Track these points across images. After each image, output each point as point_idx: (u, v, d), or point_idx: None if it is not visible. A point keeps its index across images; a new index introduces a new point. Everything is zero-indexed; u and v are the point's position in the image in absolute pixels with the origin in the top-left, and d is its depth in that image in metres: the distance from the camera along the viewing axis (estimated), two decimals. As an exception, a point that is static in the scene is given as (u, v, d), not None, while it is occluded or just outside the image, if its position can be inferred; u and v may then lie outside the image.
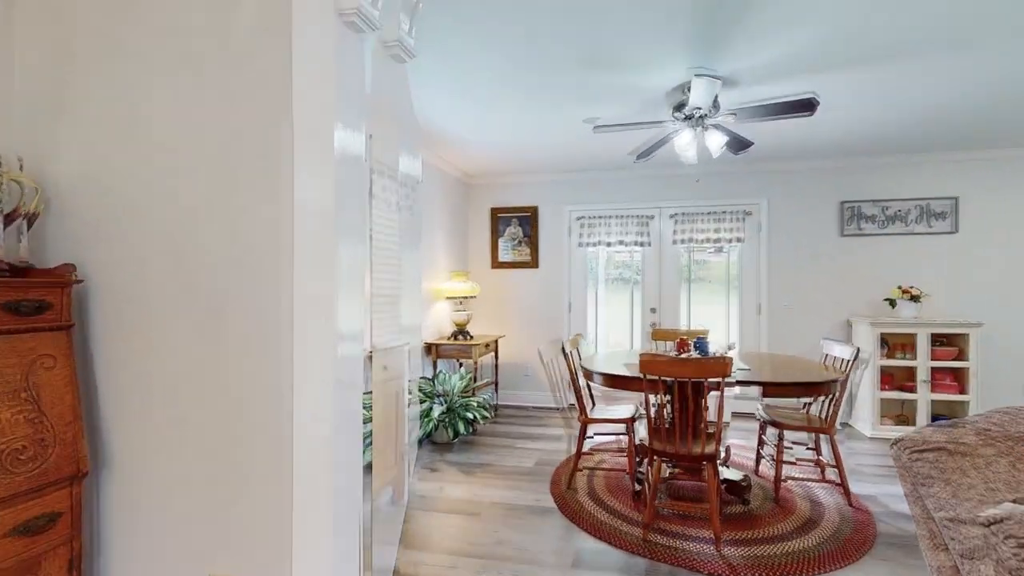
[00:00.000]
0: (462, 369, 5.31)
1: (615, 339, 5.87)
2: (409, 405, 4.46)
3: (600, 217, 5.66)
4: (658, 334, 4.57)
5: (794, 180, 5.09)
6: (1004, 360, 4.47)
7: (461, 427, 4.35)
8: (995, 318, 4.44)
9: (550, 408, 5.72)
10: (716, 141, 3.38)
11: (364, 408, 1.77)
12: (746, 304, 5.24)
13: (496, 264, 6.07)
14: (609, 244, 5.60)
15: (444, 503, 3.34)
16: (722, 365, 2.58)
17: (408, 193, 4.79)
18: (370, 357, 2.19)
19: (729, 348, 3.65)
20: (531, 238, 5.99)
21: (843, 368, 3.16)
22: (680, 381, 2.71)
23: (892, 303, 4.61)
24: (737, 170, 5.23)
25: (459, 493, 3.50)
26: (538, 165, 5.49)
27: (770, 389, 2.85)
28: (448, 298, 5.24)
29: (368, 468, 2.13)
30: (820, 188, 5.00)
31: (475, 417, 4.46)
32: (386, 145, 2.22)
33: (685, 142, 3.44)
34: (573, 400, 3.76)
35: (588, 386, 3.63)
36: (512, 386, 5.95)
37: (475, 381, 4.85)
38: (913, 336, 4.38)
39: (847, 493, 3.15)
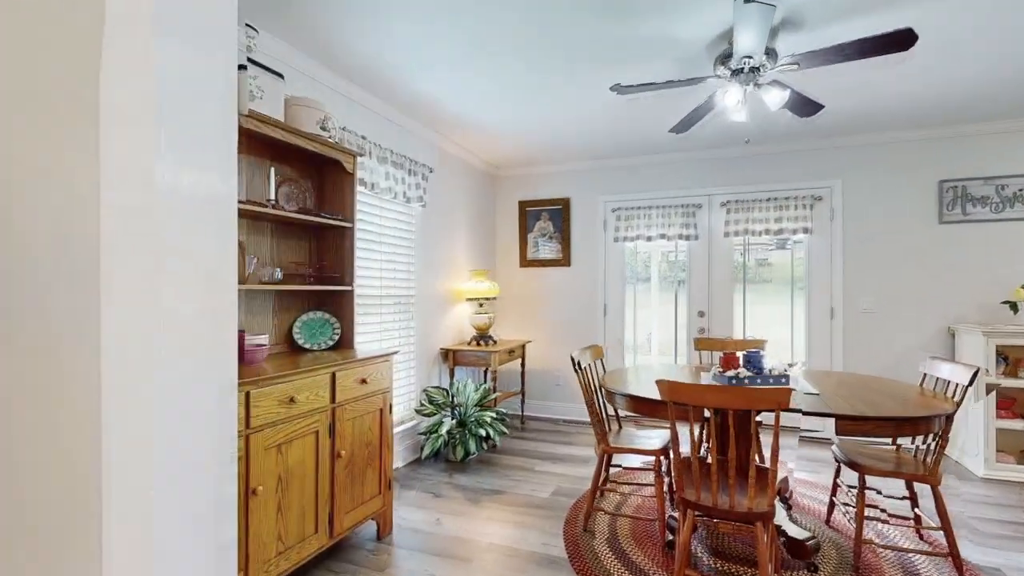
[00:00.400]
0: (482, 377, 4.74)
1: (658, 346, 5.08)
2: (401, 423, 3.92)
3: (639, 208, 4.91)
4: (703, 343, 3.79)
5: (876, 156, 4.12)
6: None
7: (472, 445, 3.78)
8: None
9: (583, 423, 5.04)
10: (776, 97, 2.60)
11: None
12: (815, 308, 4.32)
13: (525, 262, 5.46)
14: (649, 238, 4.84)
15: (436, 541, 2.78)
16: (779, 394, 1.85)
17: (418, 183, 4.28)
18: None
19: (789, 365, 2.83)
20: (563, 233, 5.33)
21: (954, 395, 2.30)
22: (720, 411, 1.99)
23: (1014, 307, 3.56)
24: (803, 147, 4.33)
25: (457, 528, 2.92)
26: (569, 152, 4.83)
27: (848, 424, 2.07)
28: (469, 299, 4.69)
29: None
30: (911, 165, 4.01)
31: (488, 434, 3.87)
32: (383, 130, 1.68)
33: (733, 102, 2.67)
34: (612, 412, 3.10)
35: (613, 407, 2.95)
36: (541, 396, 5.31)
37: (494, 391, 4.26)
38: (1044, 349, 3.34)
39: (957, 563, 2.29)
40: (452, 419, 3.89)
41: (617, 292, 5.10)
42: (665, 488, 3.04)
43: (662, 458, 2.74)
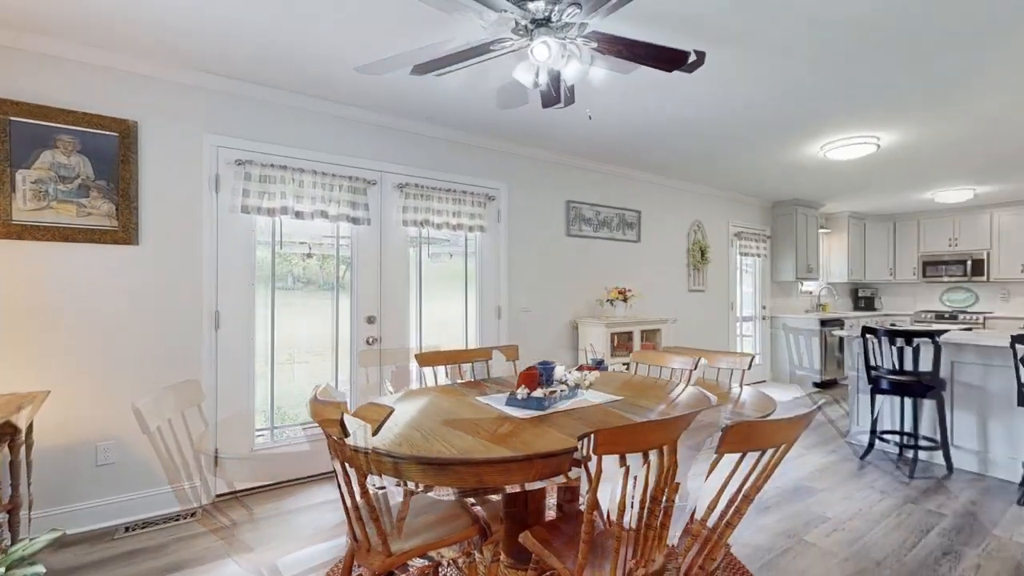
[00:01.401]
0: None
1: (309, 368, 3.43)
2: None
3: (286, 169, 3.14)
4: (426, 358, 2.75)
5: (531, 169, 4.30)
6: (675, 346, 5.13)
7: None
8: (665, 314, 5.07)
9: (169, 516, 2.75)
10: (573, 70, 2.11)
11: None
12: (486, 307, 4.05)
13: (13, 229, 2.47)
14: (300, 214, 3.18)
15: None
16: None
17: None
18: None
19: (577, 370, 2.33)
20: (119, 184, 2.76)
21: (686, 381, 2.52)
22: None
23: (611, 303, 4.51)
24: (482, 144, 3.97)
25: None
26: (144, 34, 2.48)
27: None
28: None
29: None
30: (551, 184, 4.41)
31: None
32: None
33: (543, 56, 1.94)
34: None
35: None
36: (71, 492, 2.53)
37: None
38: (630, 333, 4.39)
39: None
40: None
41: (239, 293, 3.08)
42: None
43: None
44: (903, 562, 2.23)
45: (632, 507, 1.32)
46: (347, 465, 1.48)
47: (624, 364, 4.25)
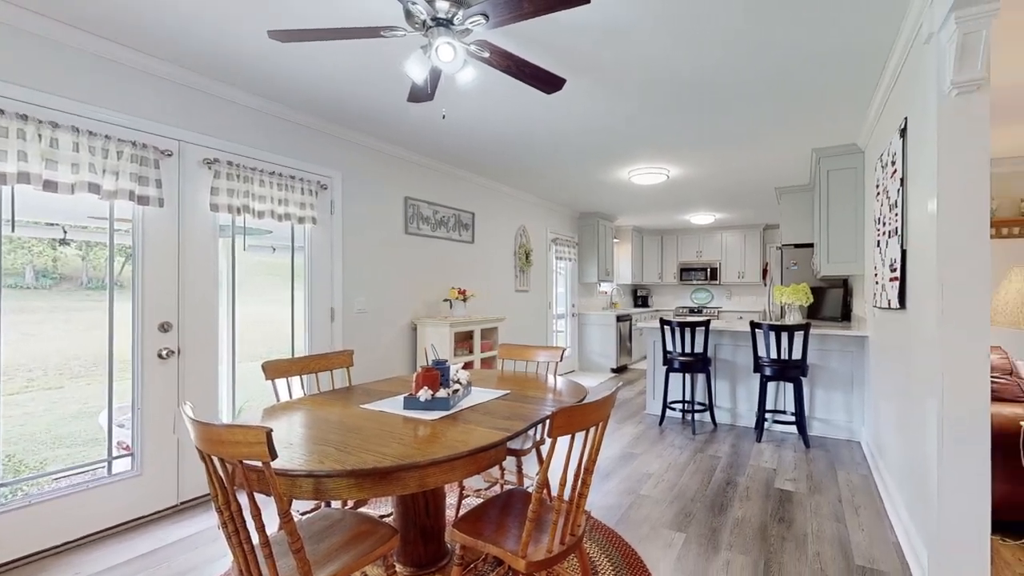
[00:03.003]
0: None
1: (66, 392, 2.47)
2: None
3: (23, 118, 2.22)
4: (277, 368, 2.27)
5: (370, 160, 3.89)
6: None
7: None
8: (498, 313, 5.08)
9: None
10: (459, 65, 2.09)
11: None
12: (317, 308, 3.51)
13: None
14: (50, 184, 2.29)
15: None
16: (607, 403, 1.52)
17: None
18: None
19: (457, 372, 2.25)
20: None
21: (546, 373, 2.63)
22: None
23: (451, 303, 4.36)
24: (313, 124, 3.43)
25: None
26: None
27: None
28: None
29: None
30: (390, 177, 4.07)
31: None
32: None
33: (448, 57, 1.89)
34: None
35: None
36: None
37: None
38: (471, 332, 4.31)
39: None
40: None
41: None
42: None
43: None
44: (706, 495, 2.86)
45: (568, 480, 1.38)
46: (234, 499, 1.03)
47: (464, 363, 4.17)
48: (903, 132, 2.33)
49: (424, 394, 1.89)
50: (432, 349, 3.93)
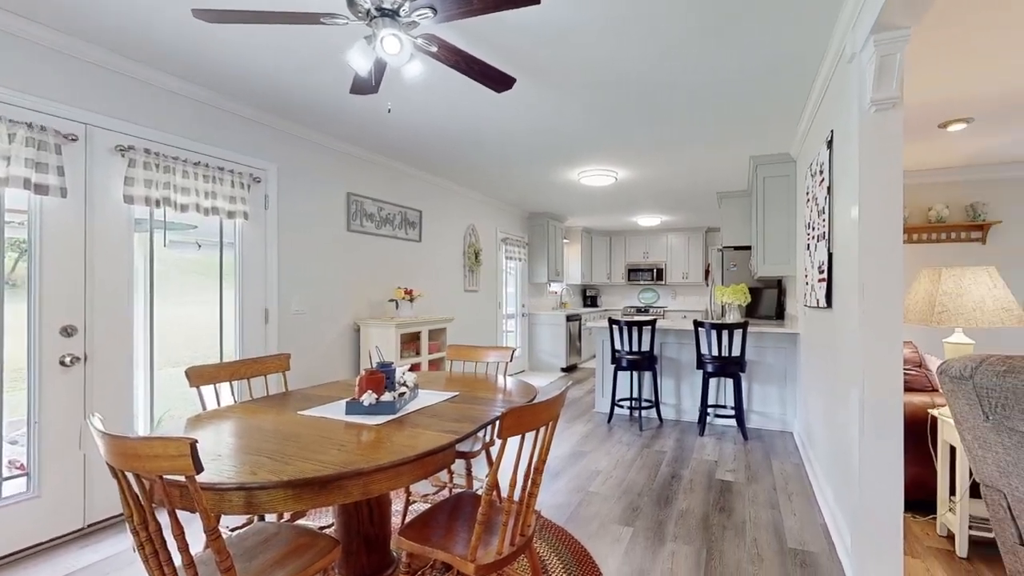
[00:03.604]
0: None
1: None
2: None
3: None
4: (203, 374, 2.13)
5: (310, 153, 3.72)
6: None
7: None
8: (446, 314, 4.99)
9: None
10: (405, 57, 2.09)
11: None
12: (249, 310, 3.31)
13: None
14: None
15: None
16: (556, 403, 1.59)
17: None
18: None
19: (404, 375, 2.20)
20: None
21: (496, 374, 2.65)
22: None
23: (396, 303, 4.25)
24: (247, 112, 3.24)
25: None
26: None
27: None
28: None
29: None
30: (332, 171, 3.91)
31: None
32: None
33: (394, 49, 1.87)
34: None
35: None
36: None
37: None
38: (418, 333, 4.23)
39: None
40: None
41: None
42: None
43: None
44: (652, 489, 2.96)
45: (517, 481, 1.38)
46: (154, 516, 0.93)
47: (411, 365, 4.09)
48: (830, 144, 2.53)
49: (368, 398, 1.84)
50: (377, 351, 3.82)
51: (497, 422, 1.66)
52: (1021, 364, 1.55)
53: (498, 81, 2.37)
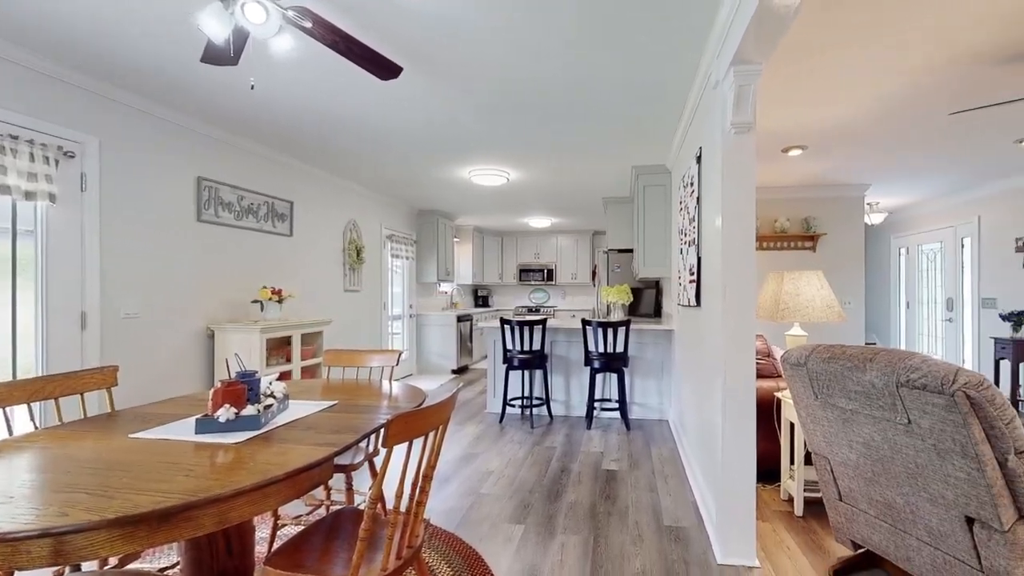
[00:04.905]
0: None
1: None
2: None
3: None
4: (14, 391, 1.72)
5: (144, 127, 3.20)
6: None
7: None
8: (322, 315, 4.60)
9: None
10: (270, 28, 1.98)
11: None
12: (57, 313, 2.76)
13: None
14: None
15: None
16: (447, 406, 1.65)
17: None
18: None
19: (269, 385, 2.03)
20: None
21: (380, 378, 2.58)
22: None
23: (261, 305, 3.85)
24: (49, 69, 2.69)
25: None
26: None
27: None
28: None
29: None
30: (175, 151, 3.41)
31: None
32: None
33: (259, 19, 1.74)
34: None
35: None
36: None
37: None
38: (289, 337, 3.89)
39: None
40: None
41: None
42: None
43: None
44: (543, 485, 3.06)
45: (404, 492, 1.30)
46: None
47: (280, 374, 3.75)
48: (699, 159, 2.84)
49: (225, 413, 1.62)
50: (236, 359, 3.44)
51: (382, 430, 1.58)
52: (840, 352, 1.89)
53: (384, 68, 2.27)
